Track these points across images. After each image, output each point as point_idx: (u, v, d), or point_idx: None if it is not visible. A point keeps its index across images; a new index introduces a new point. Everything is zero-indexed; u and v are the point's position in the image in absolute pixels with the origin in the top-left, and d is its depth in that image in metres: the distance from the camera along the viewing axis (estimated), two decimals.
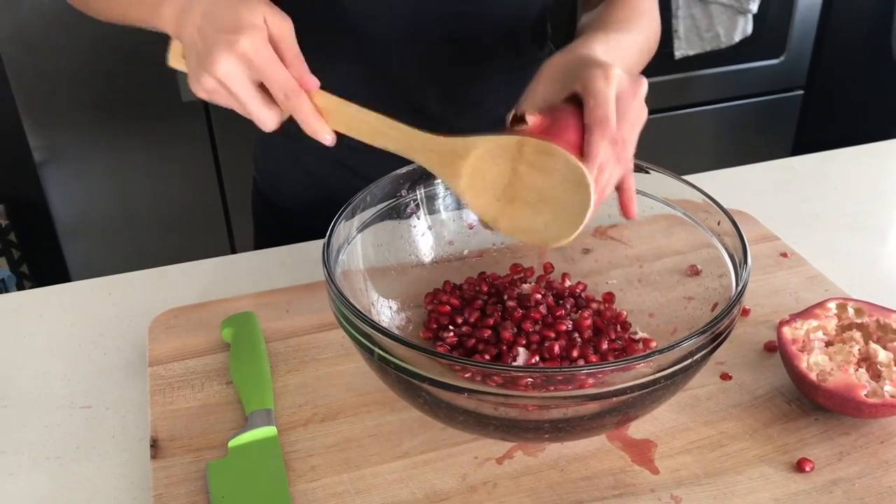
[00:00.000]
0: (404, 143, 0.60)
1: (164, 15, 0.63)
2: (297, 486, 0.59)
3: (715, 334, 0.56)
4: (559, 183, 0.56)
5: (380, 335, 0.55)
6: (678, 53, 1.99)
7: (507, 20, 0.86)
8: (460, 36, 0.84)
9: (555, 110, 0.59)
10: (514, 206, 0.58)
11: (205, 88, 0.59)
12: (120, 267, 0.88)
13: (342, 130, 0.62)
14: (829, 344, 0.66)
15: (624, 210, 0.64)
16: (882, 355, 0.63)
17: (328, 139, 0.61)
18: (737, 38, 2.01)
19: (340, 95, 0.60)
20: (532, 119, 0.57)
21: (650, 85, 0.61)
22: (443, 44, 0.84)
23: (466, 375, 0.53)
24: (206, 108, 1.78)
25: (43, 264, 2.04)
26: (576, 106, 0.59)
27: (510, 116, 0.58)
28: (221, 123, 1.80)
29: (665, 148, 2.04)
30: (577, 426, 0.58)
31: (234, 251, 1.94)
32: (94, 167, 1.79)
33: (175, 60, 0.65)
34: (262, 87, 0.60)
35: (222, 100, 0.60)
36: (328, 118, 0.61)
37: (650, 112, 0.61)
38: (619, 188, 0.64)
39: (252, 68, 0.58)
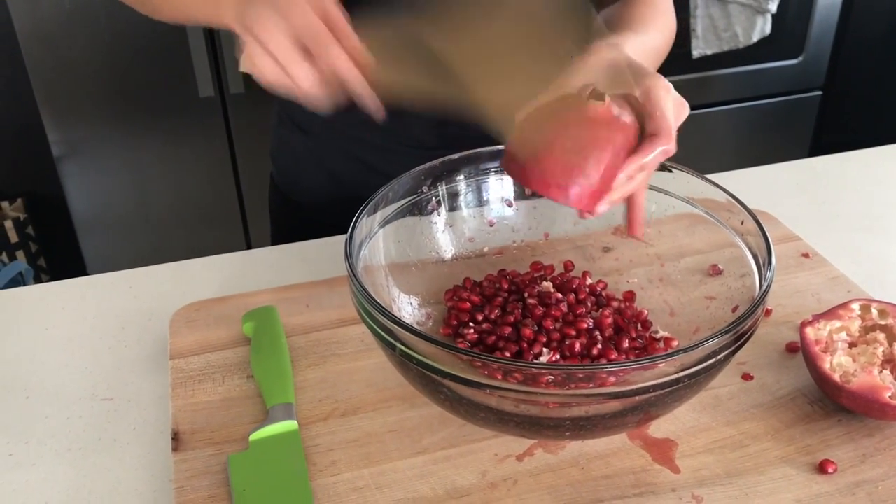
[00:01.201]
0: (452, 101, 0.60)
1: (225, 12, 0.62)
2: (318, 481, 0.59)
3: (738, 334, 0.56)
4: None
5: (402, 330, 0.55)
6: (696, 53, 1.98)
7: None
8: None
9: (621, 103, 0.60)
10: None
11: (261, 69, 0.58)
12: (136, 262, 0.88)
13: (395, 99, 0.60)
14: (852, 345, 0.65)
15: (630, 226, 0.64)
16: None
17: (379, 114, 0.60)
18: (755, 38, 2.00)
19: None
20: (608, 100, 0.58)
21: None
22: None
23: (487, 372, 0.53)
24: (224, 103, 1.78)
25: (60, 258, 2.06)
26: (630, 106, 0.60)
27: (588, 90, 0.58)
28: (238, 119, 1.80)
29: (682, 147, 2.01)
30: (599, 424, 0.58)
31: (249, 247, 1.95)
32: (111, 162, 1.80)
33: (246, 65, 0.64)
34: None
35: (278, 79, 0.59)
36: (379, 90, 0.60)
37: None
38: (631, 204, 0.64)
39: (303, 39, 0.57)
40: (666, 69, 0.74)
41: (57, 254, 2.06)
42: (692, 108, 0.62)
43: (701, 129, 2.10)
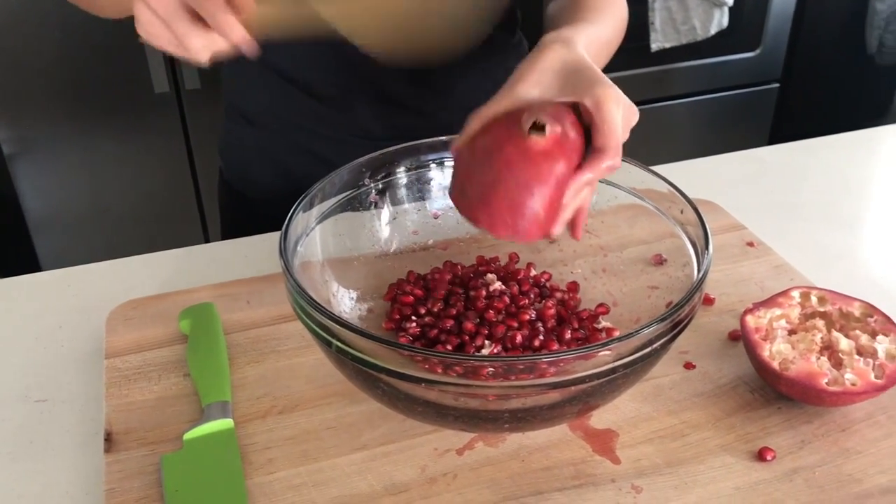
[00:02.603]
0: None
1: None
2: (254, 479, 0.58)
3: (675, 322, 0.55)
4: None
5: (337, 326, 0.54)
6: (654, 46, 1.99)
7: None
8: None
9: (561, 114, 0.58)
10: None
11: (144, 26, 0.58)
12: (92, 260, 0.86)
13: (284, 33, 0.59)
14: (792, 332, 0.66)
15: (572, 229, 0.64)
16: (844, 343, 0.63)
17: (251, 51, 0.58)
18: (713, 31, 2.01)
19: (305, 80, 0.58)
20: (550, 130, 0.56)
21: (627, 78, 0.61)
22: None
23: (427, 366, 0.53)
24: (179, 99, 1.76)
25: (13, 257, 2.01)
26: (575, 114, 0.59)
27: (527, 122, 0.56)
28: (194, 115, 1.78)
29: (642, 141, 2.02)
30: (537, 416, 0.57)
31: (208, 242, 1.92)
32: (65, 159, 1.77)
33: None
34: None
35: (156, 30, 0.58)
36: (264, 26, 0.58)
37: None
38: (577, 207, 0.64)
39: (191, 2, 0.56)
40: (625, 63, 0.73)
41: (10, 253, 2.01)
42: (651, 101, 0.62)
43: (660, 122, 2.11)
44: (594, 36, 0.68)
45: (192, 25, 0.57)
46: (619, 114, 0.58)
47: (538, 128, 0.56)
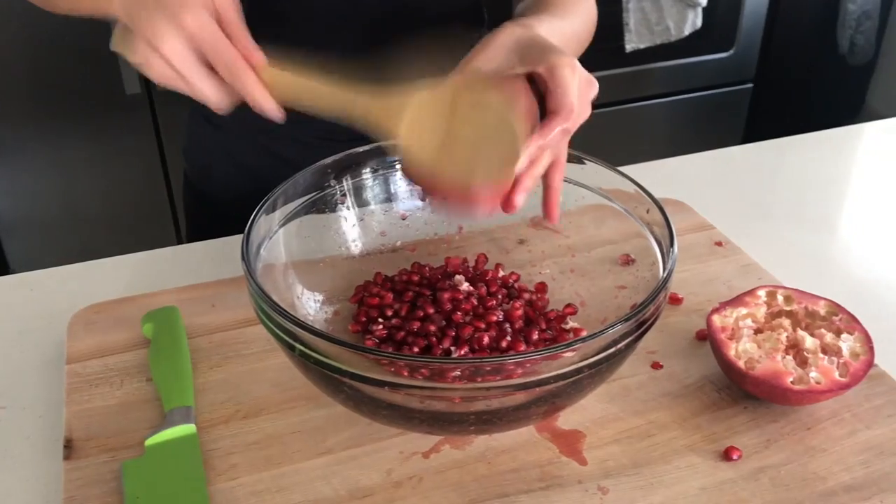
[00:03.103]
0: (343, 107, 0.58)
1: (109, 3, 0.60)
2: (216, 485, 0.57)
3: (640, 322, 0.55)
4: (493, 132, 0.56)
5: (299, 330, 0.53)
6: (629, 47, 1.99)
7: (441, 4, 0.85)
8: (397, 20, 0.83)
9: (507, 79, 0.58)
10: (452, 154, 0.58)
11: (153, 69, 0.57)
12: (64, 263, 0.84)
13: (290, 103, 0.59)
14: (758, 332, 0.66)
15: (546, 210, 0.64)
16: (809, 342, 0.63)
17: (276, 115, 0.58)
18: (686, 32, 2.02)
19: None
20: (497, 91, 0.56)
21: (602, 78, 0.61)
22: (378, 28, 0.82)
23: (393, 369, 0.52)
24: (151, 100, 1.74)
25: None
26: (527, 81, 0.59)
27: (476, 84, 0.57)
28: (166, 116, 1.76)
29: (617, 141, 2.04)
30: (504, 418, 0.57)
31: (180, 244, 1.90)
32: (36, 161, 1.75)
33: (119, 44, 0.61)
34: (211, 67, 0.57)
35: (171, 81, 0.57)
36: (275, 92, 0.58)
37: (603, 105, 0.61)
38: (547, 185, 0.63)
39: (197, 43, 0.55)
40: (599, 63, 0.73)
41: None
42: (626, 101, 0.62)
43: (635, 123, 2.12)
44: (557, 27, 0.68)
45: (209, 79, 0.56)
46: (574, 80, 0.57)
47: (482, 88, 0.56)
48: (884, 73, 2.41)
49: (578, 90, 0.58)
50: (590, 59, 0.80)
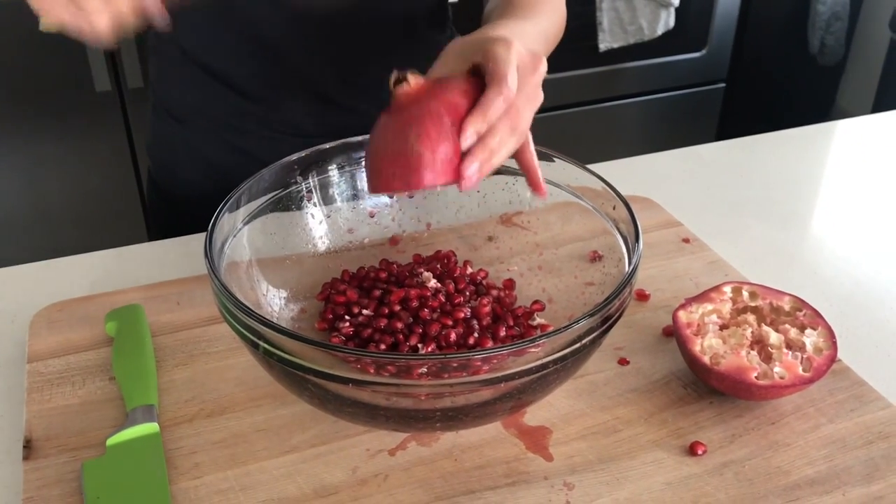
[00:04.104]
0: None
1: None
2: (179, 484, 0.56)
3: (605, 317, 0.55)
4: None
5: (262, 327, 0.53)
6: (602, 46, 2.00)
7: (404, 2, 0.84)
8: (356, 16, 0.82)
9: (445, 77, 0.58)
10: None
11: (53, 13, 0.54)
12: (34, 261, 0.83)
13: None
14: (723, 327, 0.66)
15: (533, 186, 0.63)
16: (773, 337, 0.64)
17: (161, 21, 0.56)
18: (659, 32, 2.03)
19: (231, 76, 0.56)
20: (414, 80, 0.56)
21: (576, 78, 0.60)
22: (336, 23, 0.82)
23: (360, 366, 0.52)
24: (122, 97, 1.72)
25: None
26: (470, 74, 0.59)
27: (392, 78, 0.56)
28: (137, 113, 1.74)
29: (591, 140, 2.06)
30: (470, 414, 0.57)
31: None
32: (4, 159, 1.72)
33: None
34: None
35: (72, 20, 0.54)
36: None
37: (577, 105, 0.61)
38: (524, 167, 0.63)
39: None
40: (573, 63, 0.73)
41: None
42: (599, 101, 0.62)
43: (609, 122, 2.13)
44: (519, 29, 0.68)
45: (102, 9, 0.54)
46: (509, 54, 0.56)
47: (400, 81, 0.56)
48: (853, 74, 2.44)
49: (520, 64, 0.57)
50: (563, 59, 0.80)
